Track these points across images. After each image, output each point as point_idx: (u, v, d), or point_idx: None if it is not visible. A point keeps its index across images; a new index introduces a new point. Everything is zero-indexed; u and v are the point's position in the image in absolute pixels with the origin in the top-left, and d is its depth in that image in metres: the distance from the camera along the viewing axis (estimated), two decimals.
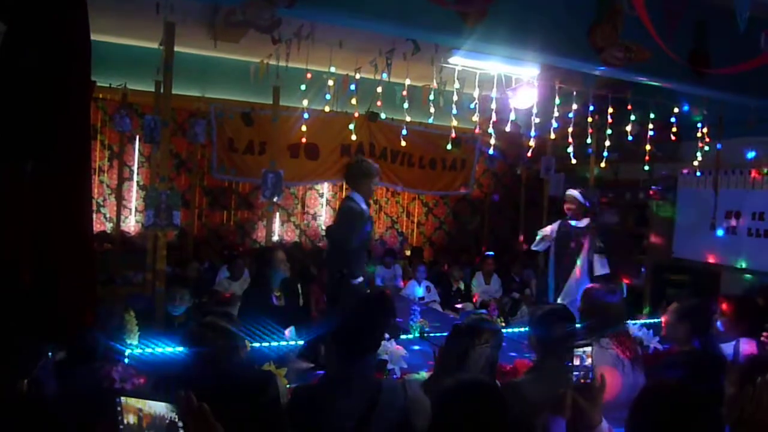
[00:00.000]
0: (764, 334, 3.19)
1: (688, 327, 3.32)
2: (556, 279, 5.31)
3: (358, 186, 4.26)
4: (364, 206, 4.23)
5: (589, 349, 2.25)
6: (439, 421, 1.77)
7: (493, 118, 4.86)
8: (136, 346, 3.69)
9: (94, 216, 6.87)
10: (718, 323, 3.73)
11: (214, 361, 2.08)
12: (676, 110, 5.70)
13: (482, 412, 1.74)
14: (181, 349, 2.28)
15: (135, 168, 7.07)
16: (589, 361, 2.21)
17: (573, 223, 5.31)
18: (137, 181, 7.06)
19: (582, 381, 2.16)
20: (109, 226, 6.96)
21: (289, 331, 4.41)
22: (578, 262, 5.20)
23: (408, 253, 8.17)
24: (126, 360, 3.42)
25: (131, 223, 7.07)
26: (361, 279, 4.25)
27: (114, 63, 6.41)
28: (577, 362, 2.22)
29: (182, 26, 4.39)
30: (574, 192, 5.30)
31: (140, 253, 6.05)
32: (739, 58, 4.14)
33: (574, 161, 5.52)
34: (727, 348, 3.52)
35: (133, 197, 7.05)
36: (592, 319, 3.07)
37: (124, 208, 6.97)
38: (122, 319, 4.05)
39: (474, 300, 7.00)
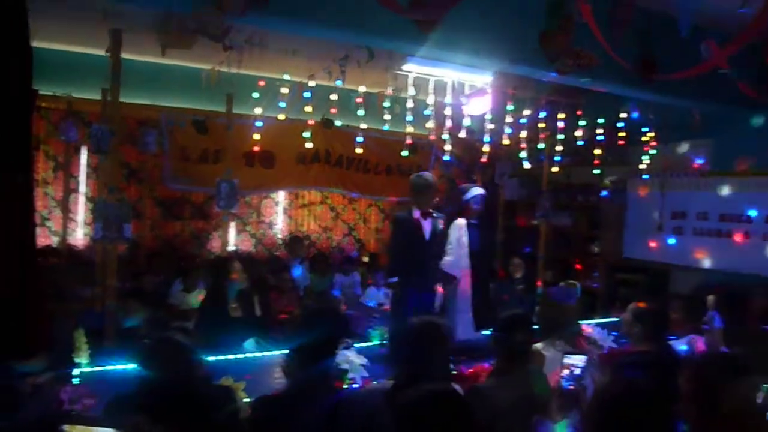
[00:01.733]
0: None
1: (644, 327, 3.42)
2: None
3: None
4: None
5: (581, 357, 2.28)
6: (402, 430, 1.74)
7: (448, 124, 4.89)
8: (86, 365, 3.55)
9: (39, 229, 6.60)
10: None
11: (169, 378, 2.01)
12: (624, 115, 5.87)
13: (448, 421, 1.72)
14: (133, 366, 2.20)
15: (82, 179, 6.81)
16: (578, 371, 2.24)
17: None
18: (85, 193, 6.80)
19: (572, 388, 2.19)
20: (55, 240, 6.67)
21: (248, 343, 4.34)
22: None
23: (366, 259, 8.14)
24: (76, 380, 3.29)
25: (79, 236, 6.81)
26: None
27: (58, 71, 6.17)
28: (566, 372, 2.25)
29: (130, 33, 4.27)
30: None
31: (89, 266, 5.83)
32: (683, 65, 4.30)
33: (527, 166, 5.61)
34: (679, 344, 3.63)
35: (80, 209, 6.78)
36: (547, 321, 3.13)
37: (70, 221, 6.70)
38: (71, 337, 3.88)
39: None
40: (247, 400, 2.81)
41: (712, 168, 6.53)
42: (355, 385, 3.38)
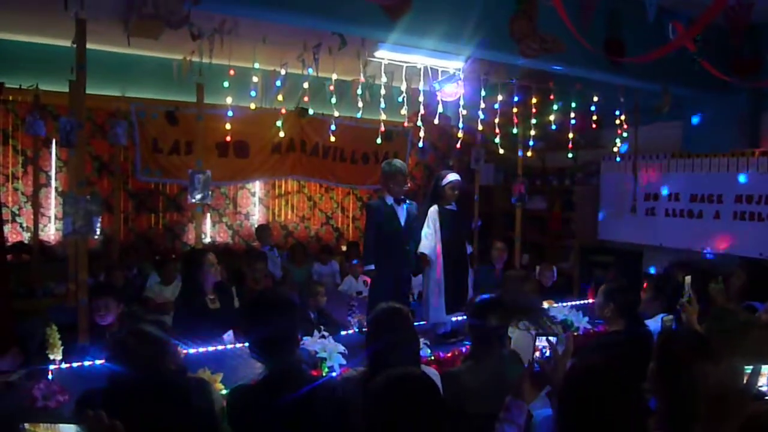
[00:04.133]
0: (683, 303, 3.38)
1: (615, 306, 3.49)
2: None
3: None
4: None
5: (553, 339, 2.32)
6: (372, 416, 1.76)
7: (421, 110, 4.89)
8: (59, 361, 3.50)
9: (10, 225, 6.48)
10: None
11: (142, 371, 1.99)
12: (596, 99, 5.93)
13: (414, 404, 1.74)
14: (106, 361, 2.18)
15: (52, 173, 6.69)
16: (548, 352, 2.28)
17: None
18: (55, 187, 6.69)
19: (542, 369, 2.22)
20: (26, 236, 6.56)
21: (227, 336, 4.31)
22: None
23: (344, 248, 8.14)
24: (49, 376, 3.25)
25: (50, 232, 6.70)
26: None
27: (24, 63, 6.05)
28: (537, 354, 2.28)
29: (96, 23, 4.17)
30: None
31: (62, 262, 5.75)
32: (651, 47, 4.35)
33: (501, 151, 5.65)
34: (652, 324, 3.70)
35: (52, 204, 6.67)
36: (512, 304, 3.16)
37: (42, 216, 6.58)
38: (44, 334, 3.82)
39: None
40: (225, 391, 2.81)
41: (682, 150, 6.63)
42: (333, 374, 3.40)
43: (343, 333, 4.38)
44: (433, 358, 3.80)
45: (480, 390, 2.65)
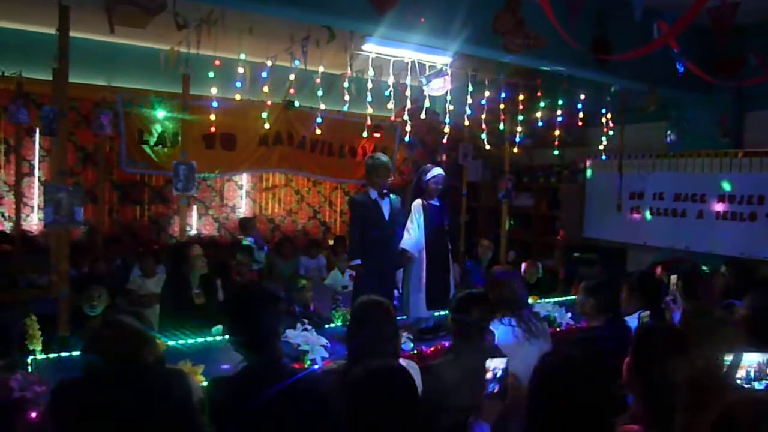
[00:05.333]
0: (667, 299, 3.41)
1: (596, 302, 3.51)
2: None
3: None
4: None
5: (501, 362, 2.32)
6: (348, 407, 1.76)
7: (408, 105, 4.89)
8: (39, 352, 3.47)
9: None
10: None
11: (118, 361, 1.98)
12: (582, 97, 5.97)
13: (390, 396, 1.75)
14: (83, 352, 2.16)
15: (35, 163, 6.62)
16: (500, 373, 2.29)
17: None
18: (38, 177, 6.62)
19: (496, 392, 2.23)
20: (8, 226, 6.49)
21: (215, 330, 4.30)
22: None
23: (331, 242, 8.13)
24: (28, 367, 3.22)
25: (33, 222, 6.63)
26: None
27: (7, 49, 5.97)
28: (489, 375, 2.28)
29: (80, 11, 4.13)
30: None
31: (44, 253, 5.69)
32: (638, 47, 4.37)
33: (488, 147, 5.66)
34: (632, 321, 3.73)
35: (35, 194, 6.60)
36: (496, 299, 3.18)
37: (24, 206, 6.51)
38: (23, 324, 3.79)
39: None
40: (205, 383, 2.80)
41: (667, 150, 6.69)
42: (315, 366, 3.40)
43: (327, 326, 4.38)
44: (415, 352, 3.81)
45: (460, 383, 2.66)
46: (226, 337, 3.19)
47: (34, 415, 2.55)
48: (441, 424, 2.56)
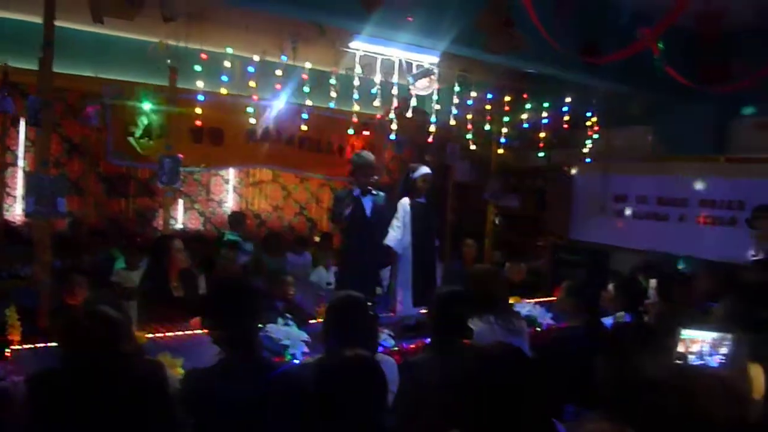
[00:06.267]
0: (646, 303, 3.47)
1: (576, 303, 3.56)
2: None
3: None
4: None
5: None
6: (318, 395, 1.79)
7: (395, 103, 4.91)
8: (18, 342, 3.46)
9: None
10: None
11: (95, 351, 1.99)
12: (568, 100, 6.02)
13: (359, 385, 1.77)
14: (60, 341, 2.17)
15: (20, 153, 6.56)
16: None
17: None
18: (23, 167, 6.56)
19: None
20: None
21: (193, 323, 4.30)
22: None
23: (317, 239, 8.13)
24: (6, 357, 3.21)
25: (17, 212, 6.57)
26: None
27: None
28: None
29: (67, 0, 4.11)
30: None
31: (27, 244, 5.64)
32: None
33: (473, 147, 5.70)
34: (609, 321, 3.78)
35: (18, 184, 6.54)
36: (476, 297, 3.21)
37: (8, 196, 6.45)
38: (4, 315, 3.77)
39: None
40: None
41: (652, 154, 6.75)
42: (296, 361, 3.41)
43: (310, 322, 4.39)
44: (396, 348, 3.83)
45: (438, 381, 2.68)
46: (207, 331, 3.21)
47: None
48: (419, 420, 2.59)
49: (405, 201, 4.40)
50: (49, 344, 3.45)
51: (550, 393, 1.88)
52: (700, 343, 2.02)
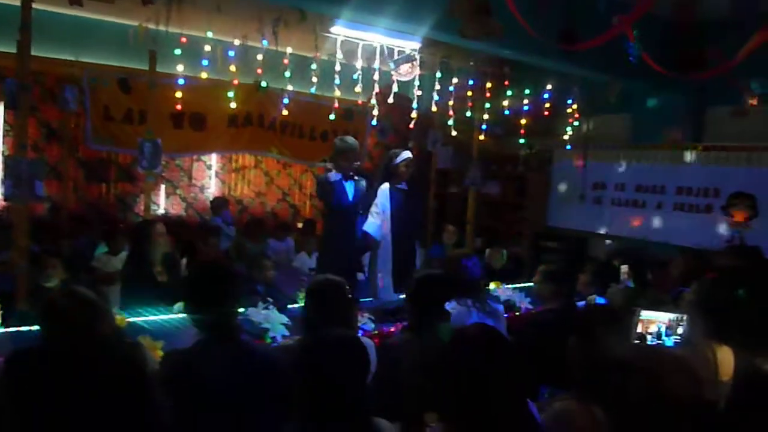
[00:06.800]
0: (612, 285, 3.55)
1: (552, 287, 3.63)
2: None
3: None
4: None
5: None
6: (301, 375, 1.82)
7: (376, 89, 4.93)
8: None
9: None
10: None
11: (72, 331, 2.00)
12: (549, 87, 6.07)
13: (342, 362, 1.80)
14: (38, 321, 2.18)
15: None
16: None
17: None
18: (2, 152, 6.48)
19: None
20: None
21: (177, 307, 4.31)
22: None
23: (300, 225, 8.14)
24: None
25: None
26: None
27: None
28: None
29: None
30: None
31: (6, 229, 5.59)
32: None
33: (454, 133, 5.74)
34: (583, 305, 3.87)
35: None
36: (453, 280, 3.26)
37: None
38: None
39: None
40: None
41: (630, 141, 6.85)
42: (275, 344, 3.45)
43: (290, 306, 4.43)
44: (377, 332, 3.88)
45: (413, 362, 2.73)
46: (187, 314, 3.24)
47: None
48: (396, 401, 2.65)
49: (385, 187, 4.43)
50: (26, 327, 3.47)
51: (525, 374, 1.91)
52: (657, 324, 2.10)
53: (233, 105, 5.23)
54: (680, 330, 2.17)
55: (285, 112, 5.21)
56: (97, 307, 2.08)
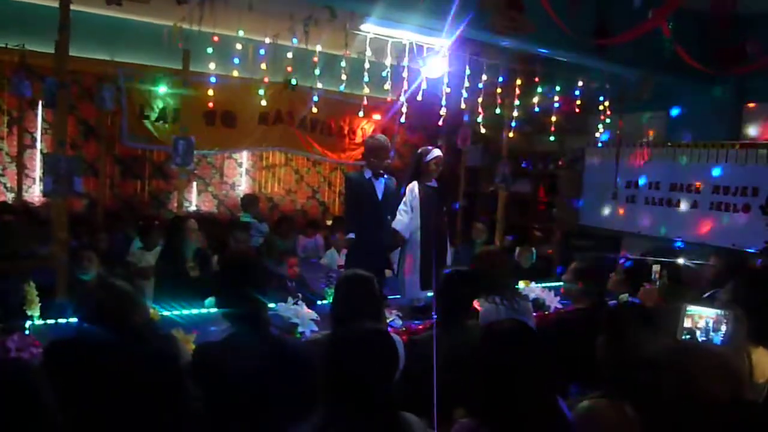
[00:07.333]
0: (645, 285, 3.49)
1: (583, 286, 3.58)
2: None
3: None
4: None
5: None
6: (330, 368, 1.83)
7: (405, 87, 4.92)
8: (37, 317, 3.57)
9: None
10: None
11: (108, 322, 2.06)
12: (580, 84, 5.98)
13: (371, 356, 1.80)
14: (76, 312, 2.25)
15: (38, 135, 6.68)
16: None
17: None
18: (41, 149, 6.68)
19: None
20: (10, 197, 6.57)
21: (208, 302, 4.39)
22: None
23: (329, 222, 8.20)
24: (26, 331, 3.31)
25: (35, 193, 6.71)
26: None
27: (11, 22, 6.00)
28: None
29: None
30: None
31: (45, 224, 5.77)
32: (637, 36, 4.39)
33: (483, 131, 5.70)
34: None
35: (37, 166, 6.67)
36: (482, 278, 3.24)
37: (26, 178, 6.59)
38: (22, 291, 3.88)
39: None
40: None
41: (665, 139, 6.71)
42: (304, 339, 3.48)
43: (319, 303, 4.46)
44: (404, 329, 3.88)
45: (442, 358, 2.73)
46: (218, 308, 3.29)
47: None
48: (422, 396, 2.65)
49: (414, 185, 4.42)
50: (65, 319, 3.57)
51: (555, 370, 1.90)
52: (705, 319, 2.05)
53: (264, 103, 5.30)
54: (724, 327, 2.11)
55: (314, 110, 5.25)
56: (132, 299, 2.13)
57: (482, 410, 1.80)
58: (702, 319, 2.05)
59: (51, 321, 3.57)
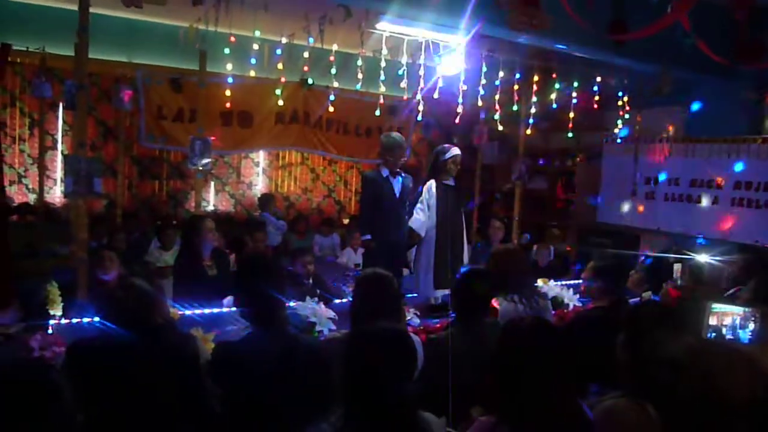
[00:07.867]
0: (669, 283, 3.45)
1: (602, 284, 3.54)
2: None
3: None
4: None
5: None
6: (348, 366, 1.82)
7: (421, 85, 4.91)
8: (59, 317, 3.62)
9: (16, 186, 6.59)
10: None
11: (129, 321, 2.08)
12: (598, 79, 5.92)
13: (390, 355, 1.80)
14: (97, 312, 2.28)
15: (58, 136, 6.77)
16: None
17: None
18: (61, 150, 6.78)
19: None
20: (32, 197, 6.67)
21: (227, 301, 4.41)
22: None
23: (346, 221, 8.22)
24: (48, 330, 3.36)
25: (56, 194, 6.80)
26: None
27: (31, 25, 6.08)
28: None
29: None
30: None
31: (66, 224, 5.84)
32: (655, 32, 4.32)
33: (501, 128, 5.66)
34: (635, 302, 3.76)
35: (58, 167, 6.77)
36: (500, 276, 3.22)
37: (47, 179, 6.69)
38: (45, 291, 3.94)
39: None
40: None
41: (684, 134, 6.61)
42: (322, 338, 3.48)
43: (336, 301, 4.47)
44: (422, 327, 3.88)
45: (460, 357, 2.72)
46: (236, 307, 3.31)
47: None
48: (440, 395, 2.64)
49: (431, 183, 4.41)
50: (86, 318, 3.61)
51: (575, 368, 1.88)
52: (731, 316, 2.01)
53: (280, 102, 5.32)
54: (752, 325, 2.07)
55: (330, 109, 5.26)
56: (152, 299, 2.15)
57: (501, 408, 1.79)
58: (728, 316, 2.02)
59: (73, 320, 3.61)
